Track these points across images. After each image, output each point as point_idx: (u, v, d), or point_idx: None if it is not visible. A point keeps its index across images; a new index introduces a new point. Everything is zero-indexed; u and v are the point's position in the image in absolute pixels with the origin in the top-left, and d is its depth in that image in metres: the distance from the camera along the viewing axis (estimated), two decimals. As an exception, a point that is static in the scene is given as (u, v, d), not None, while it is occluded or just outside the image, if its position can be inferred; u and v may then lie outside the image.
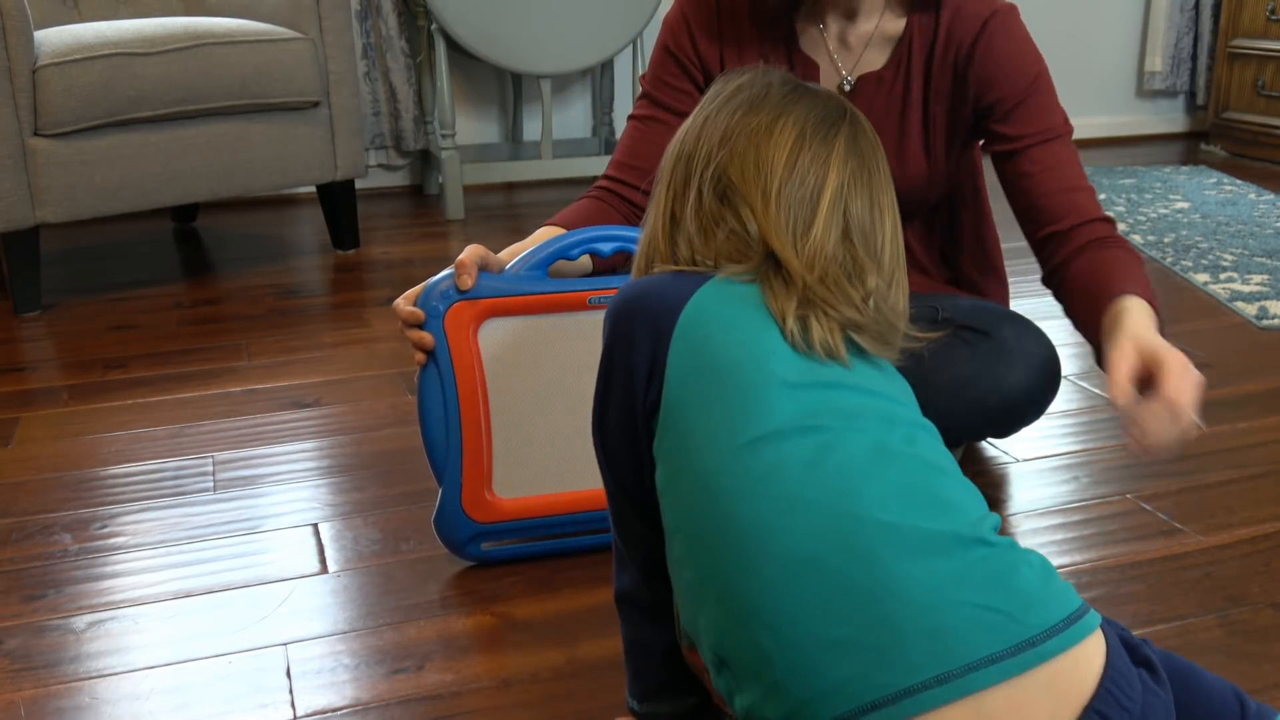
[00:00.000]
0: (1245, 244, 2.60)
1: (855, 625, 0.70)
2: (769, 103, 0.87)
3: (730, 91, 0.88)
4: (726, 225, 0.84)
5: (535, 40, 2.93)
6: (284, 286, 2.40)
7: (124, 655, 1.12)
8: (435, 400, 1.21)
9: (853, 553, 0.72)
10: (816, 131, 0.86)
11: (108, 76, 2.16)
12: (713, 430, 0.77)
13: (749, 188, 0.84)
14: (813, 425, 0.76)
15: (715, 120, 0.87)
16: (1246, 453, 1.54)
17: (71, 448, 1.61)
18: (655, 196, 0.90)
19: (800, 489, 0.74)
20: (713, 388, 0.78)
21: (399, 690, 1.06)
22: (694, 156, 0.87)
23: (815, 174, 0.84)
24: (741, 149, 0.85)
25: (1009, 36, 1.30)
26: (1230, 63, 3.69)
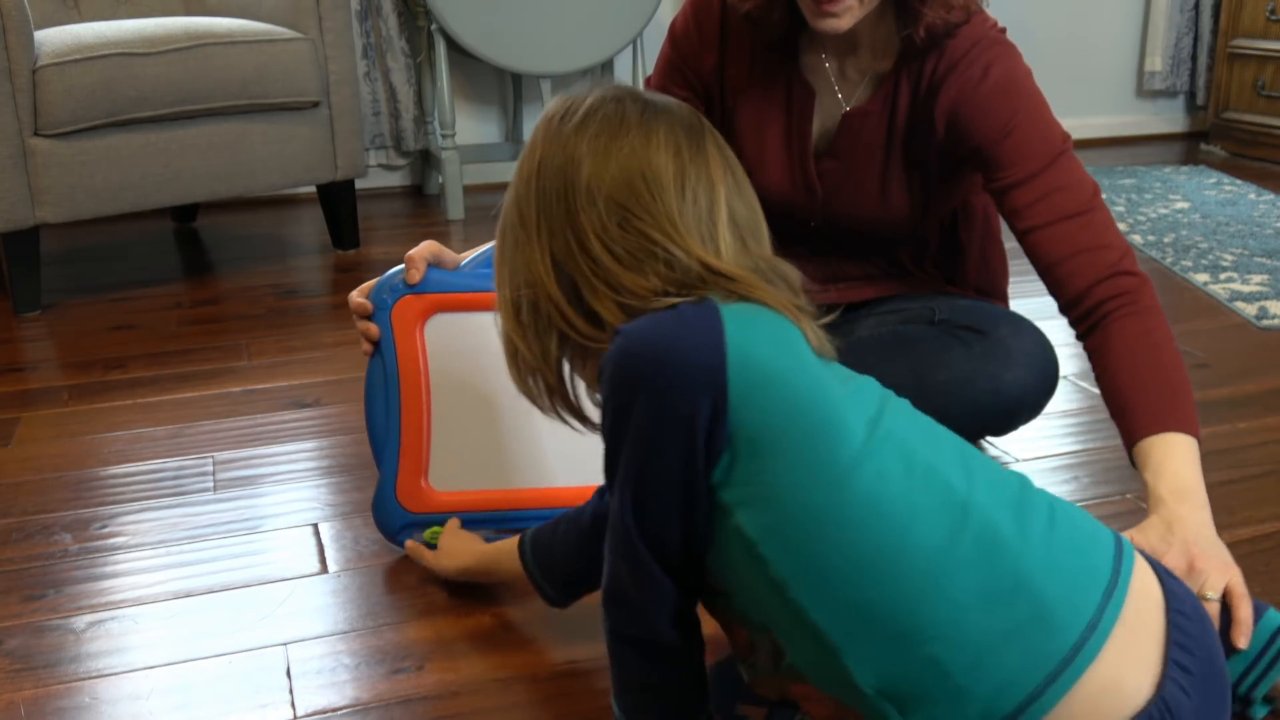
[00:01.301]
0: (1245, 244, 2.60)
1: (1012, 606, 0.72)
2: (631, 124, 0.82)
3: (580, 119, 0.83)
4: (648, 252, 0.80)
5: (535, 40, 2.93)
6: (284, 286, 2.40)
7: (124, 655, 1.12)
8: (378, 390, 1.24)
9: (978, 540, 0.74)
10: (689, 144, 0.83)
11: (108, 76, 2.16)
12: (808, 465, 0.74)
13: (653, 213, 0.80)
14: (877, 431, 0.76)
15: (577, 150, 0.82)
16: (1246, 453, 1.54)
17: (71, 448, 1.61)
18: (520, 243, 0.83)
19: (910, 497, 0.75)
20: (793, 421, 0.75)
21: (399, 690, 1.06)
22: (569, 192, 0.81)
23: (704, 189, 0.82)
24: (625, 176, 0.80)
25: (982, 75, 1.25)
26: (1230, 63, 3.69)
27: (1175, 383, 1.12)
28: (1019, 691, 0.71)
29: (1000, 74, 1.25)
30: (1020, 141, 1.23)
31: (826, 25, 1.19)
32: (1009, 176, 1.23)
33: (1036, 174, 1.23)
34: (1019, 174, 1.23)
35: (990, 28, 1.28)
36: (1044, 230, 1.21)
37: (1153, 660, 0.75)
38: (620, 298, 0.80)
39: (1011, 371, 1.31)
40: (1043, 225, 1.21)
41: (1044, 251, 1.21)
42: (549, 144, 0.83)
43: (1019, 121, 1.24)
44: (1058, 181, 1.22)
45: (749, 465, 0.75)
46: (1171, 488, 1.03)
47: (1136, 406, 1.11)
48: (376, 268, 2.55)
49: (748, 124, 1.37)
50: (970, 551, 0.73)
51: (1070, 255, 1.19)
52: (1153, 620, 0.76)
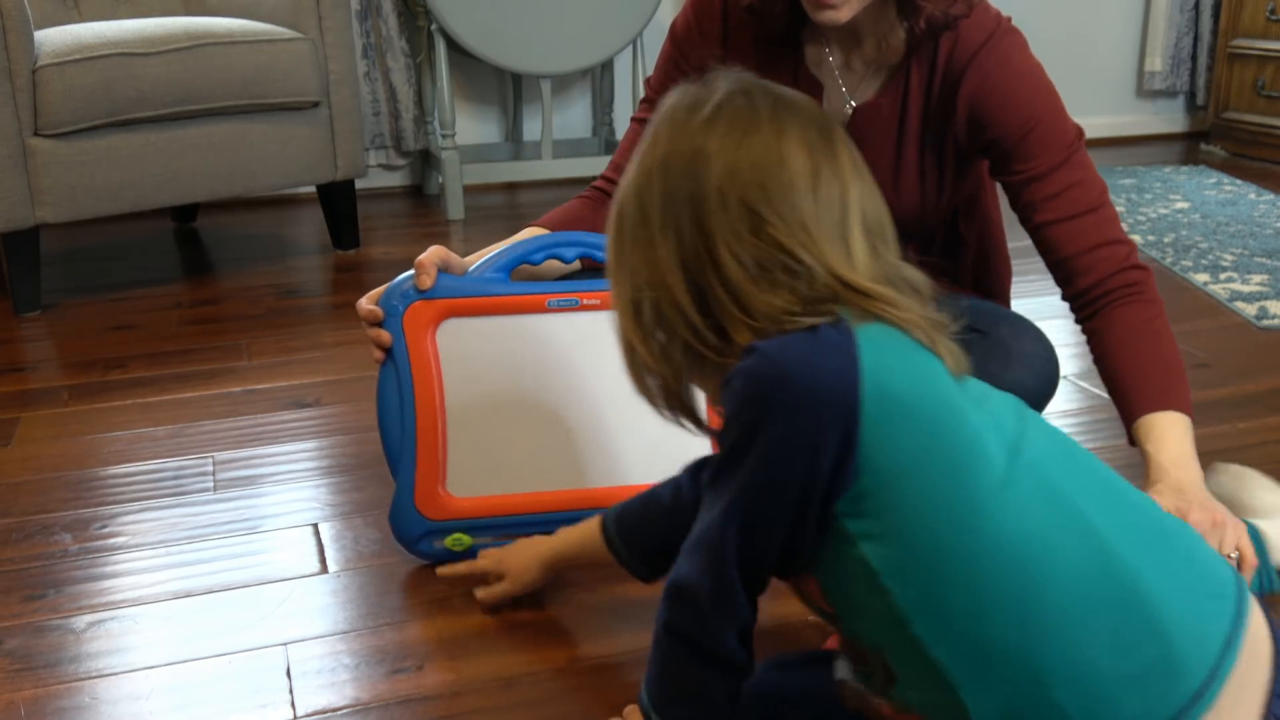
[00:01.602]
0: (1245, 244, 2.60)
1: (1140, 651, 0.71)
2: (762, 119, 0.79)
3: (709, 113, 0.79)
4: (779, 264, 0.75)
5: (535, 40, 2.93)
6: (284, 286, 2.40)
7: (124, 655, 1.12)
8: (392, 398, 1.23)
9: (1115, 583, 0.72)
10: (821, 141, 0.79)
11: (108, 76, 2.16)
12: (943, 503, 0.72)
13: (785, 218, 0.76)
14: (1018, 461, 0.74)
15: (706, 147, 0.78)
16: (1246, 453, 1.54)
17: (71, 448, 1.61)
18: (640, 242, 0.79)
19: (1048, 535, 0.72)
20: (929, 455, 0.72)
21: (399, 690, 1.06)
22: (698, 193, 0.77)
23: (837, 190, 0.78)
24: (757, 177, 0.76)
25: (1002, 65, 1.25)
26: (1230, 63, 3.69)
27: (1173, 367, 1.19)
28: None
29: (1021, 66, 1.27)
30: (1042, 135, 1.26)
31: (825, 17, 1.19)
32: (1029, 170, 1.25)
33: (1055, 168, 1.25)
34: (1039, 168, 1.25)
35: (999, 17, 1.28)
36: (1062, 225, 1.24)
37: (1256, 705, 0.73)
38: (751, 321, 0.76)
39: (1012, 371, 1.31)
40: (1060, 220, 1.25)
41: (1060, 245, 1.25)
42: (676, 139, 0.79)
43: (1040, 115, 1.26)
44: (1074, 177, 1.25)
45: (879, 499, 0.73)
46: (1173, 458, 1.11)
47: (1138, 385, 1.18)
48: (376, 268, 2.55)
49: None
50: (1106, 594, 0.71)
51: (1086, 250, 1.23)
52: (1262, 665, 0.75)
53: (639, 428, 1.27)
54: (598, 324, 1.26)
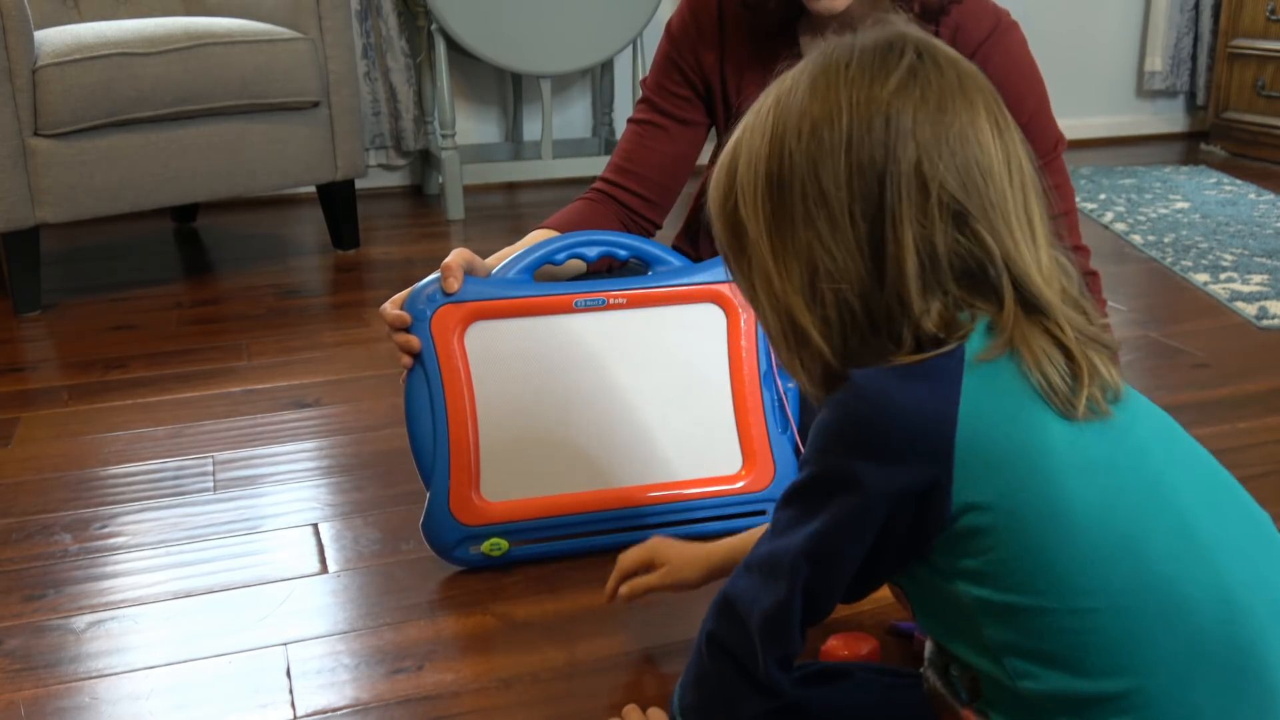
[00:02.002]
0: (1245, 244, 2.60)
1: (1239, 698, 0.65)
2: (954, 92, 0.69)
3: (899, 80, 0.69)
4: (966, 262, 0.69)
5: (535, 40, 2.93)
6: (284, 286, 2.40)
7: (124, 655, 1.12)
8: (422, 404, 1.21)
9: (1236, 644, 0.66)
10: (1001, 118, 0.71)
11: (108, 76, 2.16)
12: (1039, 558, 0.67)
13: (986, 204, 0.68)
14: (1133, 504, 0.67)
15: (902, 122, 0.68)
16: (1246, 453, 1.54)
17: (71, 448, 1.61)
18: (816, 222, 0.70)
19: (1173, 585, 0.66)
20: (1023, 510, 0.67)
21: (399, 690, 1.06)
22: (896, 177, 0.68)
23: (1020, 174, 0.71)
24: (961, 162, 0.68)
25: (1006, 57, 1.27)
26: (1230, 63, 3.69)
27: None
28: None
29: (1023, 61, 1.29)
30: (1033, 133, 1.26)
31: (822, 6, 1.20)
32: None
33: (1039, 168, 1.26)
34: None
35: (998, 10, 1.30)
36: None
37: None
38: (903, 323, 0.70)
39: None
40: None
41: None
42: (859, 105, 0.69)
43: (1034, 111, 1.28)
44: (1054, 180, 1.27)
45: (976, 543, 0.68)
46: None
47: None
48: (376, 268, 2.55)
49: None
50: (1224, 658, 0.66)
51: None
52: None
53: (669, 425, 1.28)
54: (625, 323, 1.27)
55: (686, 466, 1.28)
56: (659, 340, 1.28)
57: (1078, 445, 0.68)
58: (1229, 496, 0.72)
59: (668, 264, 1.29)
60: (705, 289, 1.28)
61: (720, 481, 1.29)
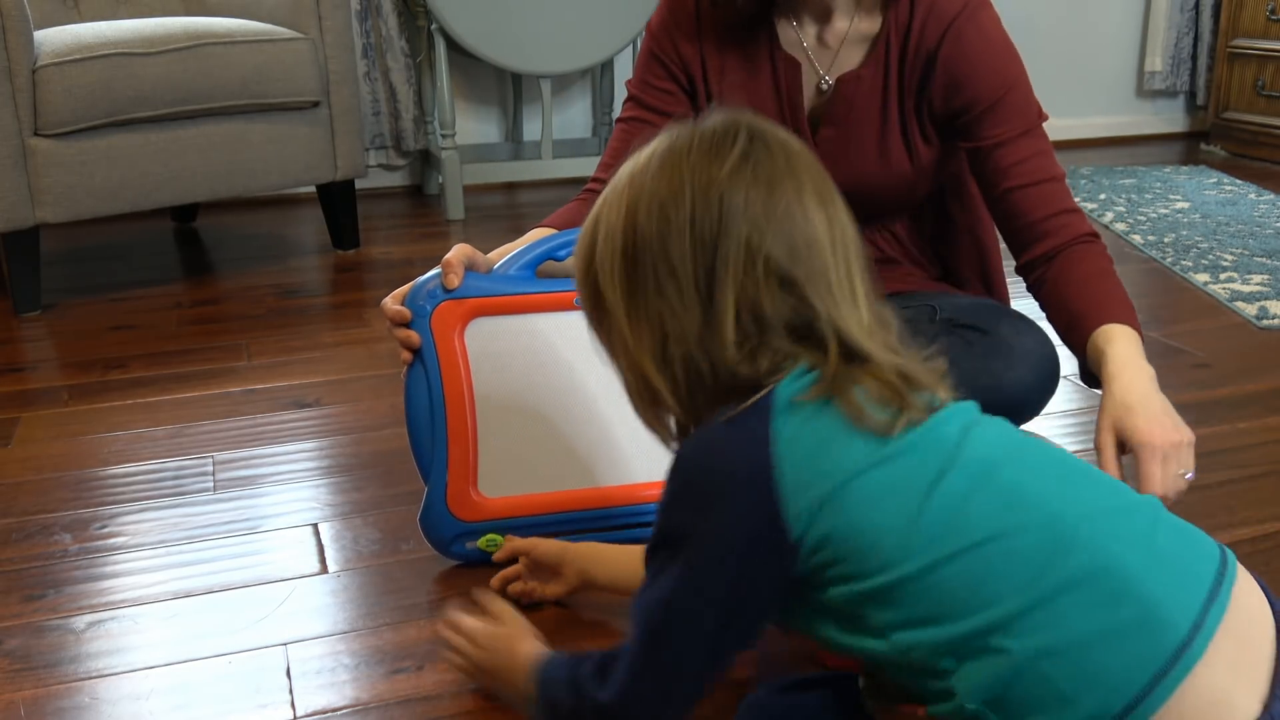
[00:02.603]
0: (1245, 244, 2.60)
1: (1116, 614, 0.72)
2: (782, 172, 0.78)
3: (734, 162, 0.78)
4: (791, 319, 0.77)
5: (535, 40, 2.93)
6: (284, 286, 2.40)
7: (124, 655, 1.12)
8: (421, 399, 1.22)
9: (1079, 555, 0.73)
10: (821, 184, 0.80)
11: (108, 76, 2.16)
12: (880, 561, 0.75)
13: (811, 271, 0.77)
14: (953, 478, 0.76)
15: (732, 200, 0.77)
16: (1246, 453, 1.54)
17: (71, 448, 1.61)
18: (666, 294, 0.78)
19: (1004, 529, 0.74)
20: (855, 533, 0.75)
21: (399, 690, 1.06)
22: (727, 251, 0.76)
23: (842, 242, 0.79)
24: (786, 236, 0.77)
25: (979, 33, 1.29)
26: (1230, 63, 3.69)
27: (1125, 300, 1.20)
28: (1126, 693, 0.71)
29: (996, 36, 1.31)
30: (1015, 102, 1.29)
31: None
32: (998, 136, 1.28)
33: (1022, 135, 1.29)
34: (1008, 134, 1.28)
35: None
36: (1028, 190, 1.27)
37: (1261, 682, 0.73)
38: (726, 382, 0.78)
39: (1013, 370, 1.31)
40: (1027, 185, 1.27)
41: (1026, 210, 1.27)
42: (700, 188, 0.78)
43: (1013, 83, 1.29)
44: (1038, 146, 1.29)
45: (823, 557, 0.76)
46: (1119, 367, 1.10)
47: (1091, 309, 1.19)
48: (376, 268, 2.55)
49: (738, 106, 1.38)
50: (1073, 570, 0.73)
51: (1050, 216, 1.26)
52: (1262, 640, 0.75)
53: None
54: None
55: None
56: None
57: (886, 451, 0.76)
58: (1042, 455, 0.81)
59: None
60: None
61: None
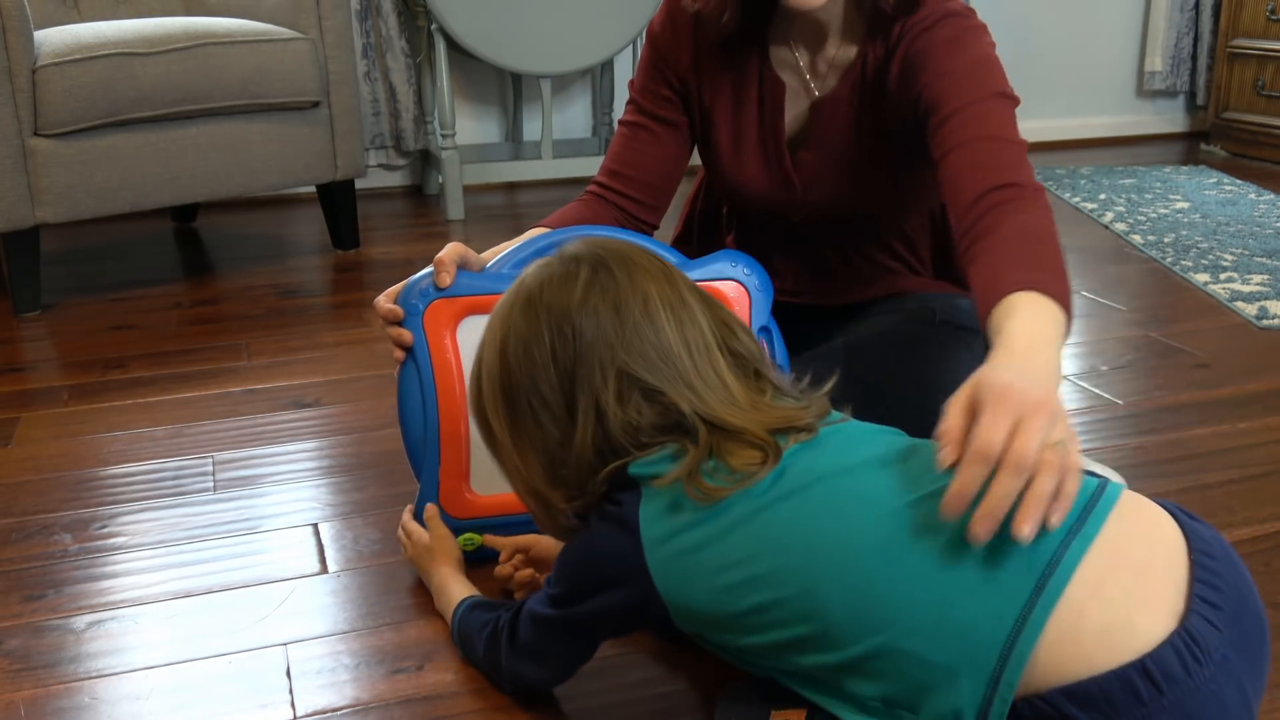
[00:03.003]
0: (1245, 244, 2.60)
1: (961, 568, 0.76)
2: (626, 292, 0.88)
3: (580, 294, 0.88)
4: (659, 419, 0.86)
5: (535, 40, 2.93)
6: (284, 286, 2.40)
7: (124, 655, 1.12)
8: (414, 397, 1.22)
9: (913, 527, 0.78)
10: (674, 296, 0.89)
11: (108, 76, 2.16)
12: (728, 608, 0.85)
13: (670, 375, 0.86)
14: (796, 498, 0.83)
15: (581, 327, 0.87)
16: (1246, 453, 1.54)
17: (71, 448, 1.61)
18: (548, 415, 0.89)
19: (835, 530, 0.80)
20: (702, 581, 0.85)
21: (399, 690, 1.06)
22: (586, 371, 0.86)
23: (693, 332, 0.88)
24: (638, 348, 0.86)
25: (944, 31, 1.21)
26: (1230, 63, 3.69)
27: (1050, 258, 0.99)
28: (994, 643, 0.74)
29: (956, 27, 1.22)
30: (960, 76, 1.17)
31: (798, 2, 1.19)
32: (943, 111, 1.15)
33: (969, 104, 1.15)
34: (952, 106, 1.15)
35: (958, 3, 1.27)
36: (963, 149, 1.12)
37: (1172, 598, 0.75)
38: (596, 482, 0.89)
39: None
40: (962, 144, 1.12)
41: (954, 163, 1.11)
42: (556, 323, 0.87)
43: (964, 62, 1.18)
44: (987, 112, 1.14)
45: (685, 617, 0.87)
46: (1010, 335, 0.89)
47: (1002, 270, 0.97)
48: (376, 268, 2.55)
49: (724, 121, 1.37)
50: (910, 542, 0.77)
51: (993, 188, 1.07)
52: (1167, 562, 0.77)
53: None
54: None
55: None
56: None
57: (741, 504, 0.83)
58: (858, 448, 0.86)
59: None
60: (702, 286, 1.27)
61: None
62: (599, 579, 0.89)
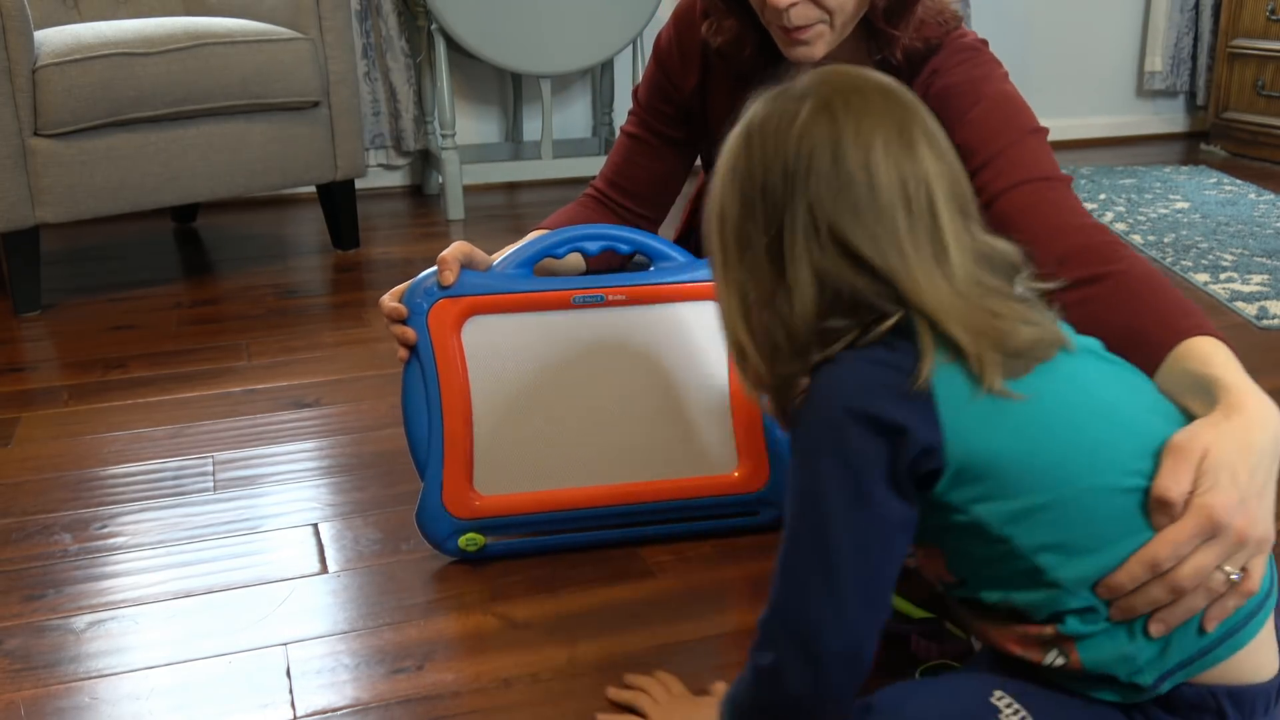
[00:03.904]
0: (1245, 244, 2.60)
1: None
2: (848, 134, 0.78)
3: (799, 130, 0.78)
4: (859, 286, 0.77)
5: (535, 40, 2.93)
6: (284, 286, 2.40)
7: (124, 655, 1.12)
8: (418, 397, 1.22)
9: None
10: (900, 143, 0.78)
11: (108, 76, 2.16)
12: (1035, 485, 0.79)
13: (877, 233, 0.76)
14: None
15: (795, 167, 0.77)
16: (1246, 453, 1.53)
17: (71, 448, 1.61)
18: (749, 255, 0.80)
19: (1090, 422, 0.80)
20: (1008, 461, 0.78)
21: (399, 690, 1.06)
22: (795, 216, 0.77)
23: (924, 195, 0.78)
24: (851, 202, 0.76)
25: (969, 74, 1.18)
26: (1230, 63, 3.69)
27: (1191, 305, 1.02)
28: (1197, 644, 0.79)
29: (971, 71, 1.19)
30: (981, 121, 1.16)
31: (799, 54, 1.16)
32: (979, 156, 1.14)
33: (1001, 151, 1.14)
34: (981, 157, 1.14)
35: (973, 38, 1.24)
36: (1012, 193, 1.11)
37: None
38: (817, 341, 0.79)
39: None
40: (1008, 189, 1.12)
41: (1018, 214, 1.09)
42: (768, 153, 0.79)
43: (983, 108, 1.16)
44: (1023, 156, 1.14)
45: (966, 490, 0.78)
46: (1234, 380, 0.93)
47: (1160, 319, 0.99)
48: (376, 268, 2.55)
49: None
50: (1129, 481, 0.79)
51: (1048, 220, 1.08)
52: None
53: (664, 422, 1.27)
54: (623, 320, 1.27)
55: (681, 465, 1.28)
56: (657, 338, 1.28)
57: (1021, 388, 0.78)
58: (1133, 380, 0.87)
59: (671, 259, 1.29)
60: (706, 286, 1.27)
61: (715, 480, 1.28)
62: (872, 422, 0.75)
